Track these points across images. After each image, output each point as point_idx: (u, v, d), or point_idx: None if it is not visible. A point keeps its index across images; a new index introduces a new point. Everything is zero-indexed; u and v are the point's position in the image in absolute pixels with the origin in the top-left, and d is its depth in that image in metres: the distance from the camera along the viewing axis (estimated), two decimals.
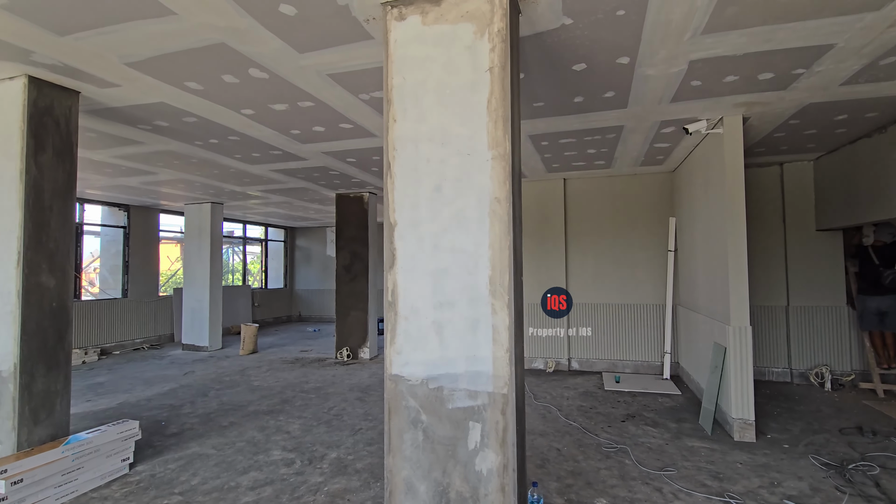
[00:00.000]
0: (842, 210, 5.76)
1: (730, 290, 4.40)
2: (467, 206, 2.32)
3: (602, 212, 7.23)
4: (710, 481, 3.40)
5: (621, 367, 6.97)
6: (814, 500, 3.13)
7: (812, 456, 3.82)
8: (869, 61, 3.37)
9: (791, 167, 6.49)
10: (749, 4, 2.64)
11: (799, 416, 4.85)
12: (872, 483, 3.36)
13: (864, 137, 5.23)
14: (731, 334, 4.35)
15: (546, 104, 4.13)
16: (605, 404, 5.31)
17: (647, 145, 5.51)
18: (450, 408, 2.29)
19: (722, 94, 3.96)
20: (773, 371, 6.41)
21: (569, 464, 3.73)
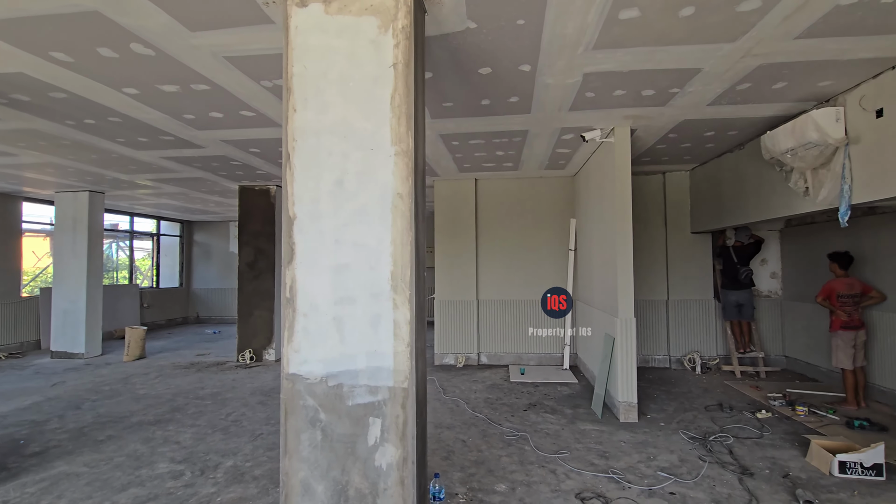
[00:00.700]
0: (710, 215, 6.59)
1: (617, 285, 4.84)
2: (370, 201, 2.30)
3: (511, 212, 7.56)
4: (597, 460, 3.72)
5: (526, 359, 7.35)
6: (681, 470, 3.55)
7: (682, 431, 4.32)
8: (729, 86, 3.88)
9: (671, 176, 7.27)
10: (632, 27, 2.92)
11: (674, 398, 5.47)
12: (727, 451, 3.89)
13: (728, 152, 6.02)
14: (619, 326, 4.78)
15: (455, 105, 4.22)
16: (509, 395, 5.57)
17: (550, 150, 5.86)
18: (350, 404, 2.26)
19: (612, 106, 4.33)
20: (656, 358, 7.16)
21: (473, 454, 3.86)
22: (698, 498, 3.12)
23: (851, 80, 3.78)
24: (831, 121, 3.95)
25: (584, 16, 2.78)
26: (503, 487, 3.28)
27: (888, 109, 3.57)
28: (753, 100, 4.20)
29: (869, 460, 3.39)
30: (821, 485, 3.31)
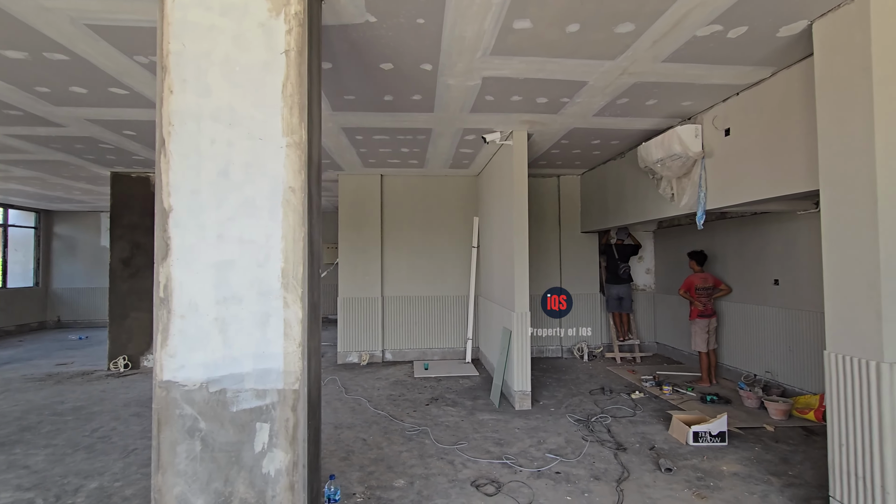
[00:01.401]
0: (597, 216, 7.21)
1: (514, 281, 5.11)
2: (258, 193, 2.17)
3: (416, 209, 7.61)
4: (493, 448, 3.90)
5: (431, 354, 7.46)
6: (567, 450, 3.85)
7: (569, 415, 4.70)
8: (610, 99, 4.27)
9: (565, 179, 7.84)
10: (525, 37, 3.08)
11: (564, 384, 5.92)
12: (606, 430, 4.30)
13: (612, 160, 6.64)
14: (515, 319, 5.05)
15: (357, 98, 4.14)
16: (413, 391, 5.62)
17: (454, 149, 5.99)
18: (234, 410, 2.12)
19: (510, 110, 4.54)
20: (549, 349, 7.68)
21: (373, 452, 3.83)
22: (580, 474, 3.41)
23: (707, 101, 4.36)
24: (692, 136, 4.53)
25: (481, 21, 2.88)
26: (402, 483, 3.31)
27: (733, 129, 4.18)
28: (631, 113, 4.67)
29: (716, 429, 3.96)
30: (679, 453, 3.79)
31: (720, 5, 2.73)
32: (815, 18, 2.87)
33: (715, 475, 3.40)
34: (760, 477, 3.37)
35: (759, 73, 3.70)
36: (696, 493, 3.15)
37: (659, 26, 2.96)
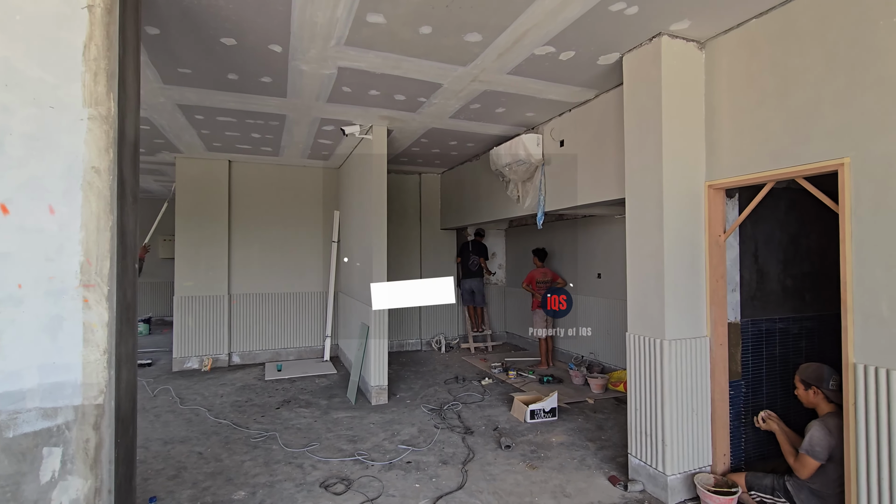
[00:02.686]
0: (455, 214, 7.58)
1: (373, 276, 5.10)
2: (48, 173, 1.80)
3: (272, 200, 7.11)
4: (346, 445, 3.85)
5: (285, 355, 7.07)
6: (419, 440, 3.98)
7: (423, 405, 4.86)
8: (464, 103, 4.51)
9: (426, 177, 8.06)
10: (379, 31, 3.08)
11: (421, 376, 6.11)
12: (457, 416, 4.56)
13: (468, 161, 7.03)
14: (373, 314, 5.05)
15: (195, 73, 3.70)
16: (262, 395, 5.26)
17: (311, 139, 5.74)
18: (10, 436, 1.73)
19: (369, 104, 4.51)
20: (409, 342, 7.86)
21: (211, 465, 3.49)
22: (429, 461, 3.55)
23: (547, 114, 4.87)
24: (534, 144, 5.02)
25: (333, 8, 2.79)
26: (242, 494, 3.07)
27: (567, 141, 4.74)
28: (483, 119, 5.00)
29: (548, 406, 4.47)
30: (518, 431, 4.19)
31: (552, 29, 3.06)
32: (625, 52, 3.39)
33: (546, 447, 3.84)
34: (581, 444, 3.90)
35: (586, 94, 4.25)
36: (529, 464, 3.52)
37: (503, 40, 3.21)
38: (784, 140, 2.73)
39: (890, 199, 2.26)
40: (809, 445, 2.56)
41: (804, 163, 2.62)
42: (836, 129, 2.47)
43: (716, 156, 3.14)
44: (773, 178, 2.82)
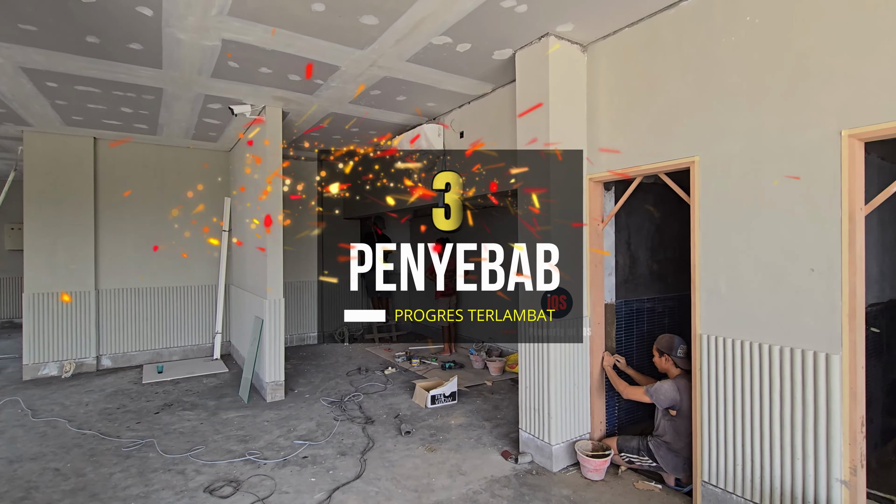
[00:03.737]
0: (358, 204, 7.42)
1: (267, 266, 4.82)
2: None
3: (150, 184, 6.38)
4: (236, 446, 3.61)
5: (168, 355, 6.43)
6: (317, 433, 3.87)
7: (323, 399, 4.73)
8: (364, 89, 4.41)
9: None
10: (267, 4, 2.88)
11: (322, 369, 5.93)
12: (358, 407, 4.50)
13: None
14: (268, 307, 4.78)
15: (42, 31, 3.17)
16: (138, 400, 4.74)
17: (196, 118, 5.23)
18: None
19: (261, 83, 4.22)
20: (310, 335, 7.58)
21: (70, 482, 3.07)
22: (327, 454, 3.47)
23: (447, 105, 4.94)
24: (435, 135, 5.08)
25: None
26: None
27: (466, 133, 4.85)
28: (384, 106, 4.93)
29: (448, 390, 4.60)
30: (419, 416, 4.26)
31: (449, 19, 3.10)
32: (517, 49, 3.55)
33: (445, 429, 3.95)
34: (478, 424, 4.07)
35: (483, 88, 4.38)
36: (428, 447, 3.59)
37: (400, 26, 3.18)
38: (650, 139, 3.05)
39: (727, 194, 2.64)
40: (654, 391, 2.99)
41: (665, 160, 2.96)
42: (690, 131, 2.83)
43: (595, 153, 3.43)
44: (642, 173, 3.15)
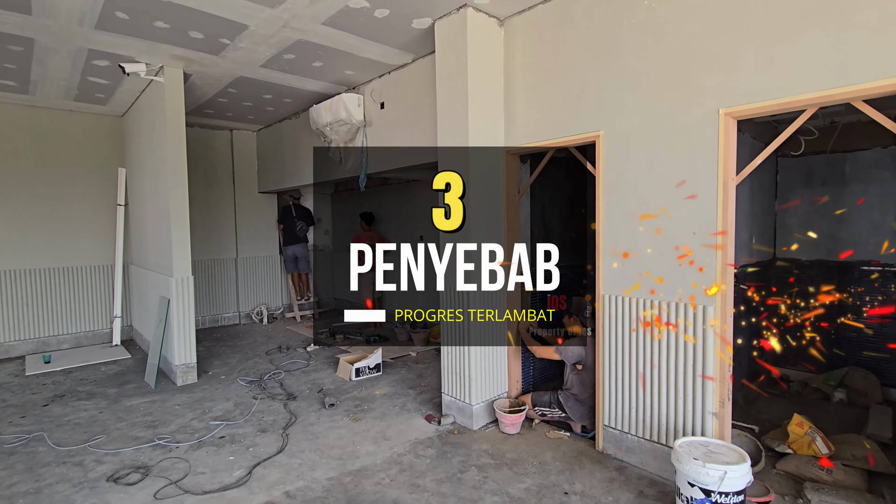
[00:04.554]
0: (274, 176, 7.05)
1: (172, 243, 4.47)
2: None
3: (25, 152, 5.58)
4: (143, 432, 3.39)
5: (57, 343, 5.78)
6: (234, 413, 3.73)
7: (240, 379, 4.55)
8: (276, 52, 4.15)
9: (239, 134, 7.27)
10: None
11: (239, 350, 5.68)
12: (279, 385, 4.39)
13: (287, 119, 6.56)
14: (174, 285, 4.45)
15: None
16: (22, 393, 4.24)
17: (78, 75, 4.62)
18: None
19: (156, 39, 3.82)
20: (226, 316, 7.19)
21: None
22: (246, 432, 3.37)
23: (367, 75, 4.81)
24: (355, 105, 4.94)
25: None
26: None
27: (387, 104, 4.77)
28: (299, 72, 4.69)
29: (372, 362, 4.63)
30: (343, 389, 4.26)
31: None
32: (437, 19, 3.53)
33: (370, 400, 3.99)
34: (402, 392, 4.16)
35: (404, 57, 4.32)
36: (353, 417, 3.62)
37: None
38: (561, 114, 3.22)
39: (627, 166, 2.88)
40: (563, 349, 3.27)
41: (574, 134, 3.15)
42: (596, 107, 3.02)
43: (512, 124, 3.55)
44: (554, 146, 3.32)
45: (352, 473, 2.80)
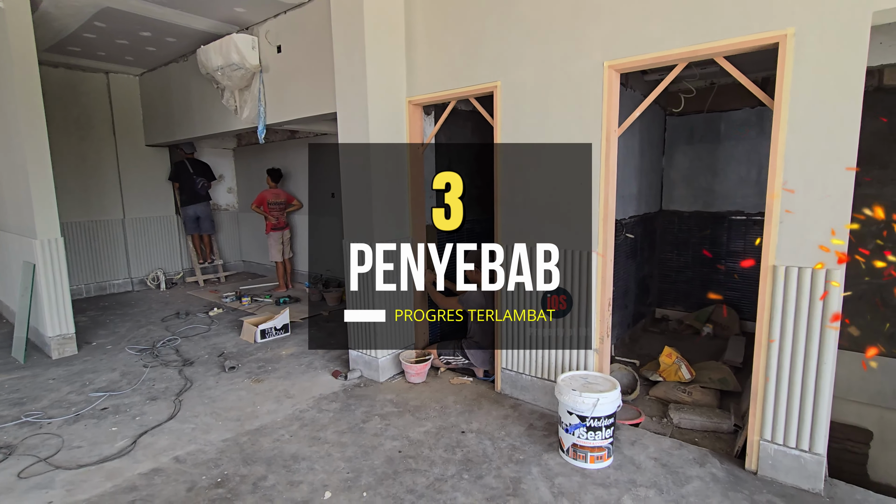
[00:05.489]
0: (163, 128, 6.35)
1: (33, 200, 3.90)
2: None
3: None
4: (7, 411, 3.03)
5: None
6: (121, 383, 3.45)
7: (129, 348, 4.20)
8: None
9: (118, 78, 6.40)
10: None
11: (131, 318, 5.22)
12: (174, 352, 4.12)
13: (174, 62, 5.86)
14: (39, 249, 3.92)
15: None
16: None
17: None
18: None
19: None
20: (115, 283, 6.54)
21: None
22: (133, 402, 3.14)
23: (260, 13, 4.38)
24: (249, 47, 4.50)
25: None
26: None
27: (284, 47, 4.40)
28: (178, 5, 4.16)
29: (279, 323, 4.48)
30: (247, 352, 4.09)
31: None
32: None
33: (274, 360, 3.88)
34: (311, 351, 4.09)
35: None
36: (255, 379, 3.51)
37: None
38: (461, 63, 3.17)
39: (523, 117, 2.92)
40: (465, 299, 3.40)
41: (474, 84, 3.12)
42: (494, 57, 3.00)
43: (414, 73, 3.44)
44: (454, 96, 3.28)
45: (250, 433, 2.73)
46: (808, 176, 2.05)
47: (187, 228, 6.92)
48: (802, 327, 2.09)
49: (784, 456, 2.19)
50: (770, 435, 2.22)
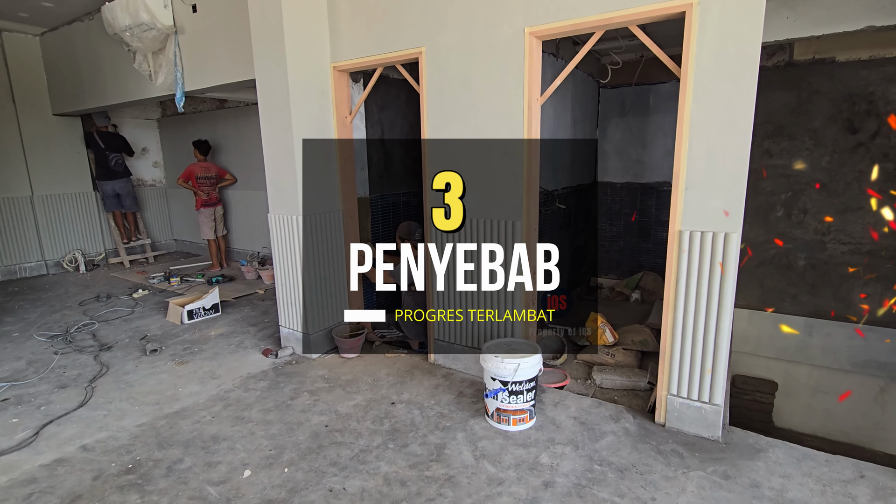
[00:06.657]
0: (71, 95, 5.77)
1: None
2: None
3: None
4: None
5: None
6: (27, 372, 3.20)
7: (37, 334, 3.89)
8: None
9: (14, 38, 5.72)
10: None
11: (44, 303, 4.83)
12: (91, 336, 3.86)
13: (78, 21, 5.29)
14: None
15: None
16: None
17: None
18: None
19: None
20: (27, 266, 6.01)
21: None
22: (40, 391, 2.93)
23: None
24: (160, 6, 4.12)
25: None
26: None
27: (200, 6, 4.06)
28: None
29: (209, 303, 4.28)
30: (172, 334, 3.89)
31: None
32: None
33: (202, 342, 3.72)
34: (242, 331, 3.95)
35: None
36: (178, 362, 3.35)
37: None
38: (385, 28, 3.04)
39: (448, 84, 2.86)
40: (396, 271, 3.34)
41: (398, 49, 3.01)
42: (418, 22, 2.90)
43: (338, 38, 3.27)
44: (381, 62, 3.15)
45: (168, 416, 2.62)
46: (710, 146, 2.14)
47: (106, 205, 6.40)
48: (704, 289, 2.21)
49: (688, 408, 2.35)
50: (676, 389, 2.37)
